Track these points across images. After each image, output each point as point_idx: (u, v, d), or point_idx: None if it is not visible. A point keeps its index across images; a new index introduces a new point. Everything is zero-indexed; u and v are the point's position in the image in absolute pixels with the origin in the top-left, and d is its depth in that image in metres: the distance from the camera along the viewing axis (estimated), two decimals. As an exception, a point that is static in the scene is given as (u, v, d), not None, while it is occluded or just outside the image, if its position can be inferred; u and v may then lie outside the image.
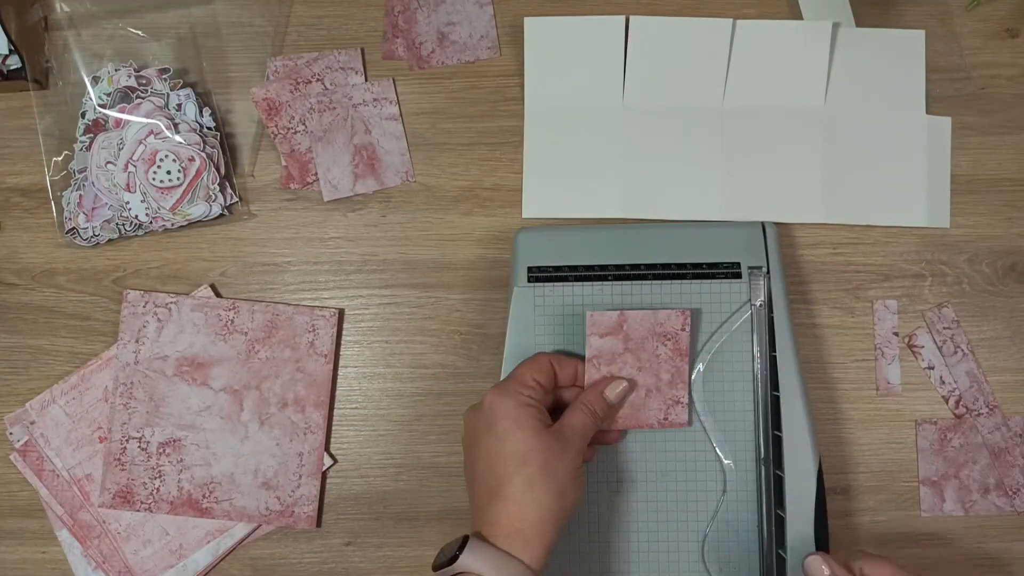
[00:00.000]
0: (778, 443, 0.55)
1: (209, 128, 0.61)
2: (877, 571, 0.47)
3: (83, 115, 0.60)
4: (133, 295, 0.60)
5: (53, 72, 0.62)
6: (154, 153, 0.59)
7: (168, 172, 0.59)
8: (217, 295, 0.61)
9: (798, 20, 0.63)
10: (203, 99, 0.62)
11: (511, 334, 0.57)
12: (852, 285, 0.61)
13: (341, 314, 0.61)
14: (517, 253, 0.58)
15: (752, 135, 0.62)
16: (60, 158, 0.61)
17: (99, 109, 0.60)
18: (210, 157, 0.60)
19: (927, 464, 0.60)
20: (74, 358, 0.61)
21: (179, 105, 0.61)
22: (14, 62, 0.61)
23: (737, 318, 0.56)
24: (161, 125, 0.59)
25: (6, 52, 0.60)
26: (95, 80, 0.60)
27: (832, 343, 0.61)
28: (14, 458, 0.60)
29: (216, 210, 0.60)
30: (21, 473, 0.60)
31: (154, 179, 0.59)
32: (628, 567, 0.55)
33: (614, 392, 0.52)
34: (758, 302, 0.56)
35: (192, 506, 0.59)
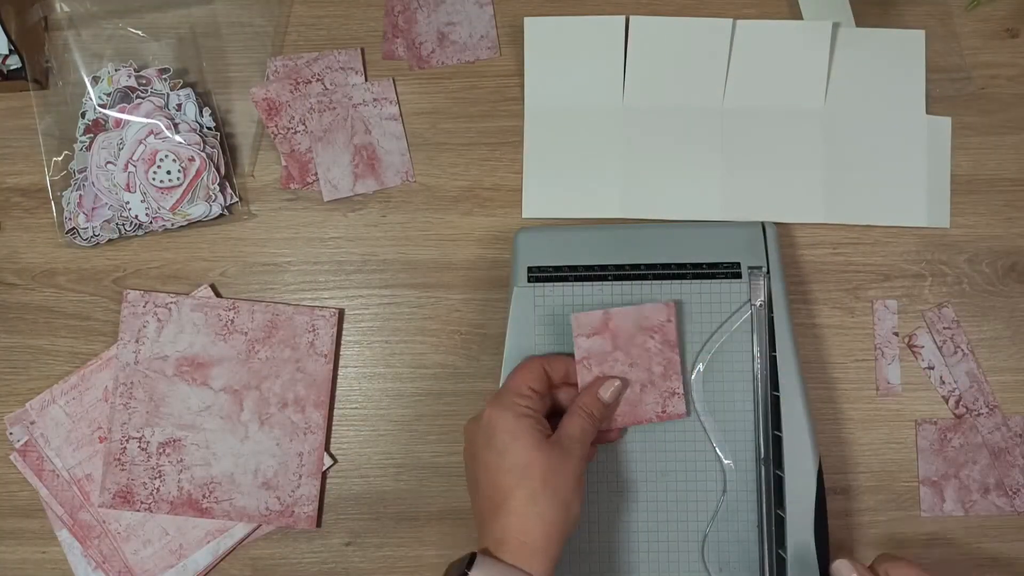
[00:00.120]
0: (778, 443, 0.55)
1: (209, 128, 0.61)
2: (902, 573, 0.46)
3: (83, 115, 0.60)
4: (133, 295, 0.60)
5: (53, 72, 0.62)
6: (154, 153, 0.59)
7: (168, 172, 0.59)
8: (217, 295, 0.61)
9: (798, 20, 0.63)
10: (203, 99, 0.62)
11: (511, 334, 0.57)
12: (852, 285, 0.61)
13: (341, 314, 0.61)
14: (517, 253, 0.58)
15: (752, 135, 0.62)
16: (60, 158, 0.61)
17: (99, 109, 0.60)
18: (210, 157, 0.60)
19: (927, 464, 0.60)
20: (74, 358, 0.61)
21: (179, 105, 0.61)
22: (14, 62, 0.61)
23: (737, 318, 0.56)
24: (161, 125, 0.59)
25: (6, 52, 0.60)
26: (95, 80, 0.60)
27: (832, 343, 0.61)
28: (14, 458, 0.60)
29: (216, 210, 0.60)
30: (21, 473, 0.60)
31: (154, 179, 0.59)
32: (628, 567, 0.55)
33: (608, 392, 0.52)
34: (758, 302, 0.56)
35: (192, 506, 0.59)
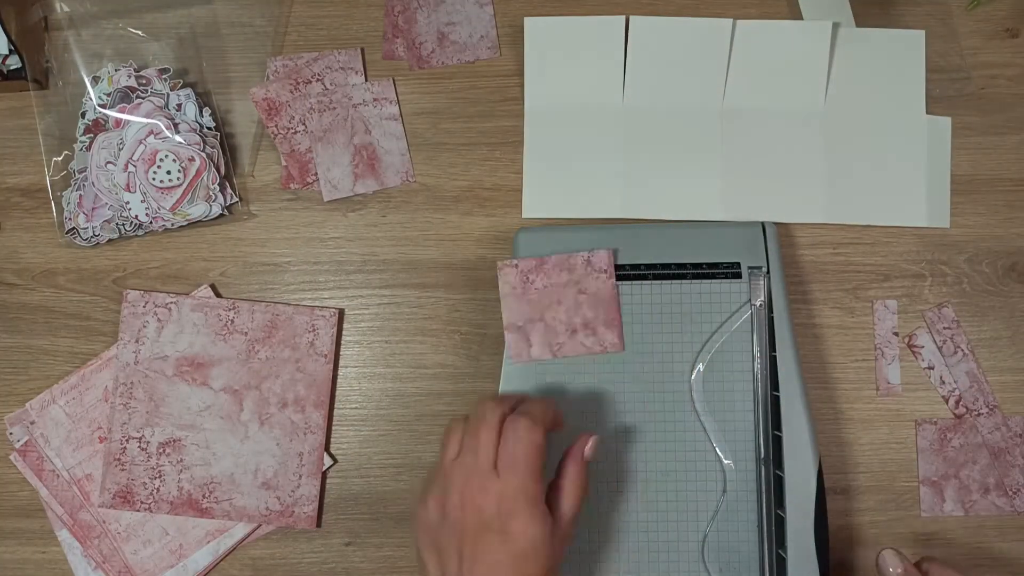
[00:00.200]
0: (778, 443, 0.55)
1: (209, 128, 0.61)
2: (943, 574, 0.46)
3: (83, 115, 0.60)
4: (133, 295, 0.60)
5: (53, 72, 0.62)
6: (154, 153, 0.59)
7: (168, 172, 0.59)
8: (217, 295, 0.61)
9: (798, 20, 0.63)
10: (203, 99, 0.62)
11: (511, 334, 0.57)
12: (852, 285, 0.61)
13: (341, 314, 0.61)
14: (517, 253, 0.58)
15: (752, 135, 0.62)
16: (60, 158, 0.61)
17: (99, 109, 0.60)
18: (210, 157, 0.60)
19: (927, 464, 0.60)
20: (74, 358, 0.61)
21: (179, 105, 0.61)
22: (14, 62, 0.61)
23: (737, 318, 0.56)
24: (161, 125, 0.59)
25: (6, 52, 0.60)
26: (95, 80, 0.60)
27: (832, 343, 0.61)
28: (14, 458, 0.60)
29: (216, 210, 0.60)
30: (21, 473, 0.60)
31: (154, 179, 0.59)
32: (628, 567, 0.55)
33: (591, 451, 0.50)
34: (758, 302, 0.56)
35: (192, 506, 0.59)
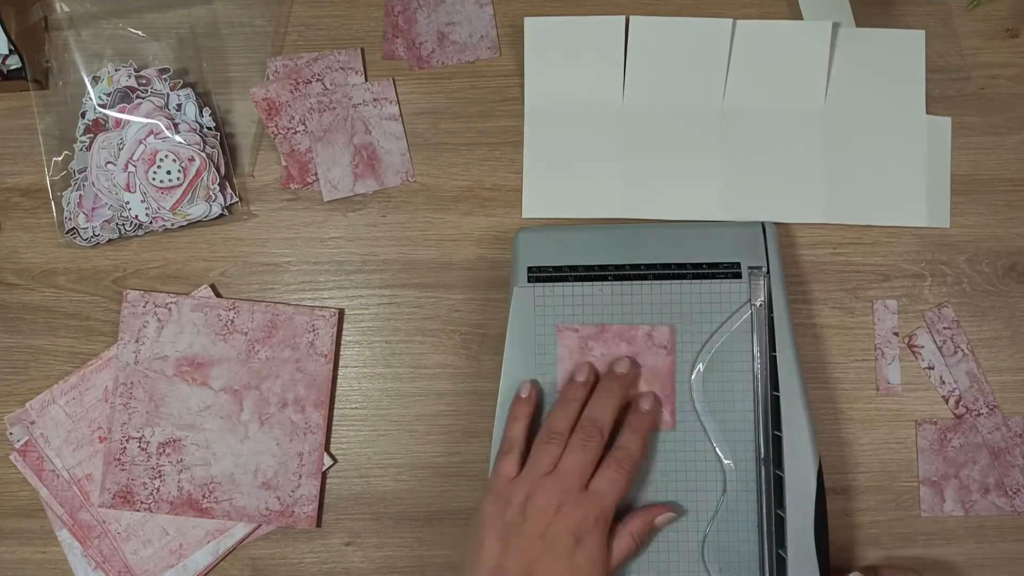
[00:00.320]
0: (778, 443, 0.55)
1: (209, 128, 0.61)
2: None
3: (83, 115, 0.60)
4: (133, 295, 0.60)
5: (53, 72, 0.62)
6: (154, 153, 0.59)
7: (168, 172, 0.59)
8: (217, 295, 0.61)
9: (798, 20, 0.63)
10: (203, 99, 0.62)
11: (511, 334, 0.57)
12: (852, 285, 0.61)
13: (341, 314, 0.61)
14: (517, 253, 0.58)
15: (752, 135, 0.62)
16: (60, 158, 0.61)
17: (99, 109, 0.60)
18: (210, 157, 0.60)
19: (927, 464, 0.60)
20: (74, 358, 0.61)
21: (179, 105, 0.61)
22: (14, 62, 0.61)
23: (737, 318, 0.56)
24: (161, 125, 0.59)
25: (6, 52, 0.60)
26: (95, 80, 0.60)
27: (832, 343, 0.61)
28: (14, 458, 0.60)
29: (216, 210, 0.60)
30: (21, 473, 0.60)
31: (154, 179, 0.59)
32: (628, 567, 0.55)
33: (663, 523, 0.54)
34: (758, 302, 0.56)
35: (192, 506, 0.59)
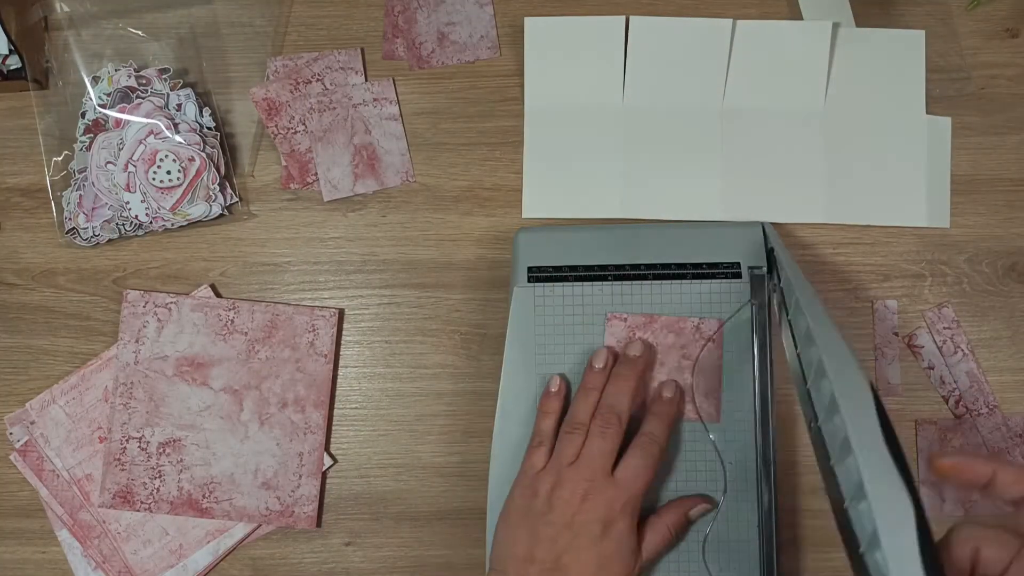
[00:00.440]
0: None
1: (209, 128, 0.61)
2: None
3: (83, 115, 0.60)
4: (133, 295, 0.60)
5: (53, 72, 0.62)
6: (154, 153, 0.59)
7: (168, 172, 0.59)
8: (217, 295, 0.61)
9: (798, 20, 0.63)
10: (203, 99, 0.62)
11: (511, 334, 0.57)
12: (852, 285, 0.61)
13: (341, 314, 0.61)
14: (517, 253, 0.58)
15: (752, 135, 0.62)
16: (60, 158, 0.61)
17: (99, 109, 0.60)
18: (210, 157, 0.60)
19: (927, 464, 0.60)
20: (74, 358, 0.61)
21: (179, 105, 0.61)
22: (14, 62, 0.61)
23: (737, 318, 0.56)
24: (161, 125, 0.59)
25: (6, 52, 0.60)
26: (95, 80, 0.60)
27: (832, 343, 0.61)
28: (14, 458, 0.60)
29: (216, 210, 0.60)
30: (21, 473, 0.60)
31: (154, 179, 0.59)
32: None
33: (698, 515, 0.54)
34: (758, 302, 0.56)
35: (192, 506, 0.59)
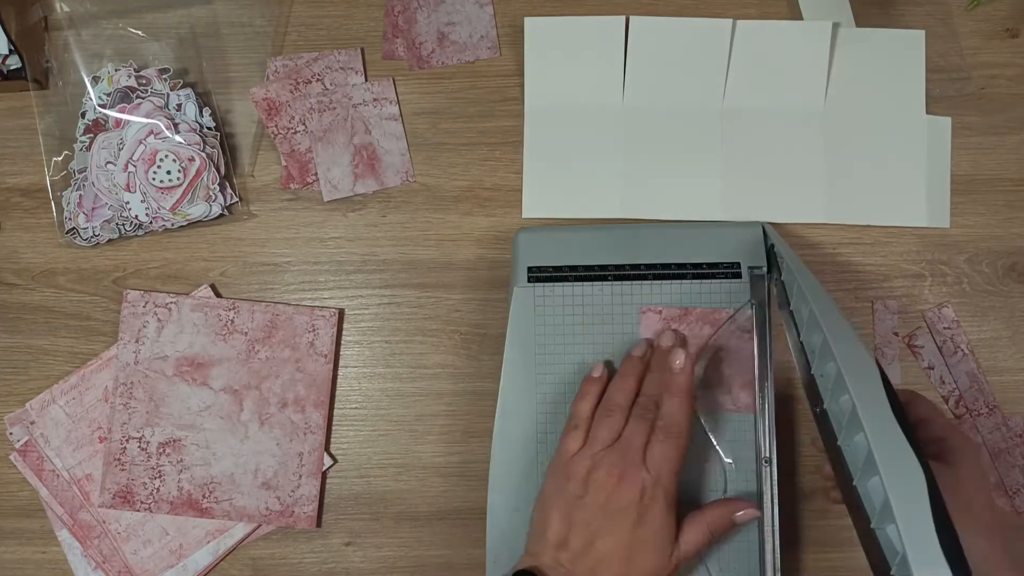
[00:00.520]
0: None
1: (209, 128, 0.61)
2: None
3: (83, 115, 0.60)
4: (133, 295, 0.60)
5: (53, 72, 0.62)
6: (154, 153, 0.59)
7: (168, 172, 0.59)
8: (217, 295, 0.61)
9: (798, 20, 0.63)
10: (203, 99, 0.62)
11: (511, 334, 0.57)
12: (852, 285, 0.61)
13: (341, 314, 0.61)
14: (517, 253, 0.58)
15: (752, 135, 0.62)
16: (60, 158, 0.61)
17: (99, 109, 0.60)
18: (210, 157, 0.60)
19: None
20: (74, 358, 0.61)
21: (179, 105, 0.61)
22: (14, 62, 0.61)
23: (738, 318, 0.56)
24: (161, 125, 0.59)
25: (6, 52, 0.60)
26: (95, 80, 0.60)
27: (832, 343, 0.61)
28: (14, 458, 0.60)
29: (216, 210, 0.60)
30: (21, 473, 0.60)
31: (154, 179, 0.59)
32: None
33: (744, 520, 0.51)
34: (758, 302, 0.56)
35: (192, 506, 0.59)
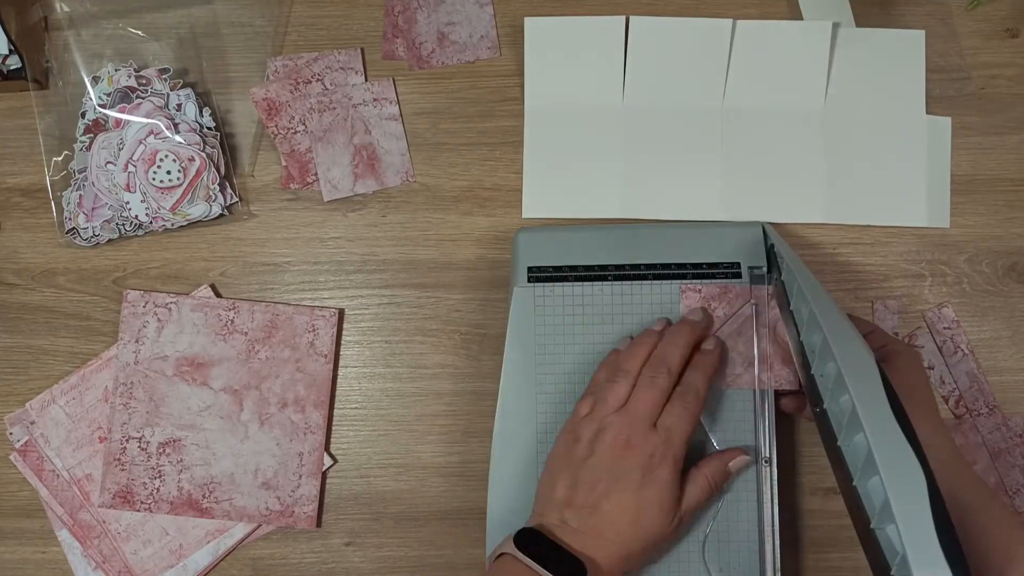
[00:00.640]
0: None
1: (209, 128, 0.61)
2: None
3: (83, 115, 0.60)
4: (133, 295, 0.60)
5: (53, 72, 0.62)
6: (154, 153, 0.59)
7: (168, 172, 0.59)
8: (217, 295, 0.61)
9: (798, 20, 0.63)
10: (203, 99, 0.62)
11: (511, 334, 0.57)
12: (852, 285, 0.61)
13: (341, 314, 0.61)
14: (517, 253, 0.58)
15: (752, 135, 0.62)
16: (60, 158, 0.61)
17: (99, 109, 0.60)
18: (210, 157, 0.60)
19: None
20: (74, 358, 0.61)
21: (179, 105, 0.61)
22: (14, 62, 0.61)
23: (737, 318, 0.56)
24: (161, 125, 0.59)
25: (6, 52, 0.60)
26: (95, 80, 0.60)
27: (832, 343, 0.61)
28: (14, 458, 0.60)
29: (216, 210, 0.60)
30: (21, 473, 0.60)
31: (154, 179, 0.59)
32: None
33: (738, 467, 0.53)
34: (758, 302, 0.56)
35: (192, 506, 0.59)
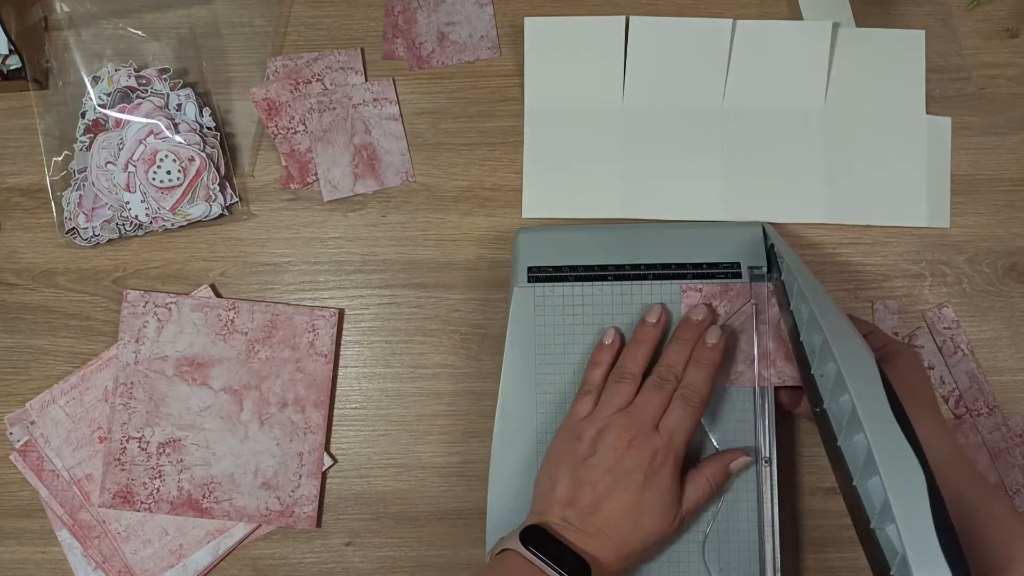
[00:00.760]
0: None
1: (209, 128, 0.61)
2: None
3: (83, 115, 0.60)
4: (133, 295, 0.60)
5: (53, 72, 0.62)
6: (154, 153, 0.59)
7: (168, 172, 0.59)
8: (217, 295, 0.61)
9: (798, 20, 0.63)
10: (203, 99, 0.62)
11: (511, 334, 0.57)
12: (852, 285, 0.61)
13: (341, 314, 0.61)
14: (517, 253, 0.58)
15: (752, 135, 0.62)
16: (60, 158, 0.61)
17: (99, 109, 0.60)
18: (210, 157, 0.60)
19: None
20: (74, 358, 0.61)
21: (179, 105, 0.61)
22: (14, 62, 0.61)
23: (737, 318, 0.56)
24: (161, 125, 0.59)
25: (6, 52, 0.60)
26: (95, 80, 0.60)
27: (832, 343, 0.61)
28: (14, 458, 0.60)
29: (216, 210, 0.60)
30: (21, 473, 0.60)
31: (154, 179, 0.59)
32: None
33: (739, 467, 0.53)
34: (758, 302, 0.56)
35: (192, 506, 0.59)
